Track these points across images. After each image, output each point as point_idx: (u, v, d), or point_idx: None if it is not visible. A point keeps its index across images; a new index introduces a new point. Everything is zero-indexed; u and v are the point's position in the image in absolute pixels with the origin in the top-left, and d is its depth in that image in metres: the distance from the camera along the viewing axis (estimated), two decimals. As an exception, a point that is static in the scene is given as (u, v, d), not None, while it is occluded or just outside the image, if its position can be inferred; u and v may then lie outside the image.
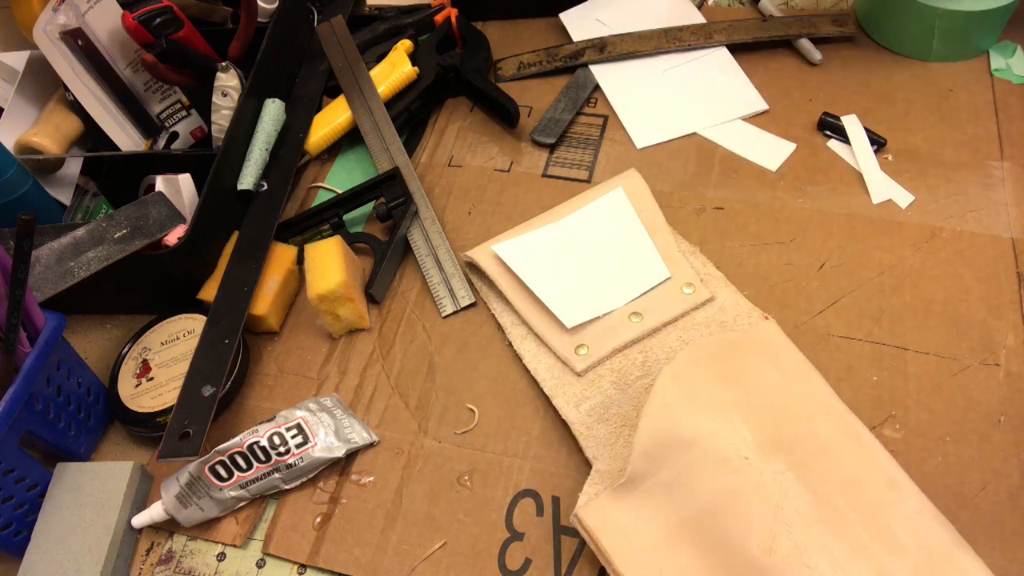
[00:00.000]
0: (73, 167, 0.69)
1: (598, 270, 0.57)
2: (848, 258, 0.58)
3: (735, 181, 0.64)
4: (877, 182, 0.61)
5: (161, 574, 0.50)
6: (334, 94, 0.74)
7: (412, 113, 0.72)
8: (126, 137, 0.70)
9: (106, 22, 0.67)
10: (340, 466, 0.53)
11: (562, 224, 0.60)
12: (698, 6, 0.76)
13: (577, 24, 0.77)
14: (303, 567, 0.49)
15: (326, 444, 0.51)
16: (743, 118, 0.68)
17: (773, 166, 0.64)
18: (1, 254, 0.46)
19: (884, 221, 0.59)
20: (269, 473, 0.50)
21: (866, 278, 0.56)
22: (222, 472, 0.50)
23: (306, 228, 0.66)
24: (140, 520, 0.50)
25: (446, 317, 0.59)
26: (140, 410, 0.55)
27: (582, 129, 0.70)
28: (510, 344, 0.56)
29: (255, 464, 0.50)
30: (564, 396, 0.52)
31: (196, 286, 0.60)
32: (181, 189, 0.63)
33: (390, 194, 0.64)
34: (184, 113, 0.74)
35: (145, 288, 0.61)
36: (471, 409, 0.54)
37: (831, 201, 0.61)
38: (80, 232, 0.56)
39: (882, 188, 0.61)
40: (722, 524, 0.42)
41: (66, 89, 0.67)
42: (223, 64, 0.68)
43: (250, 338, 0.60)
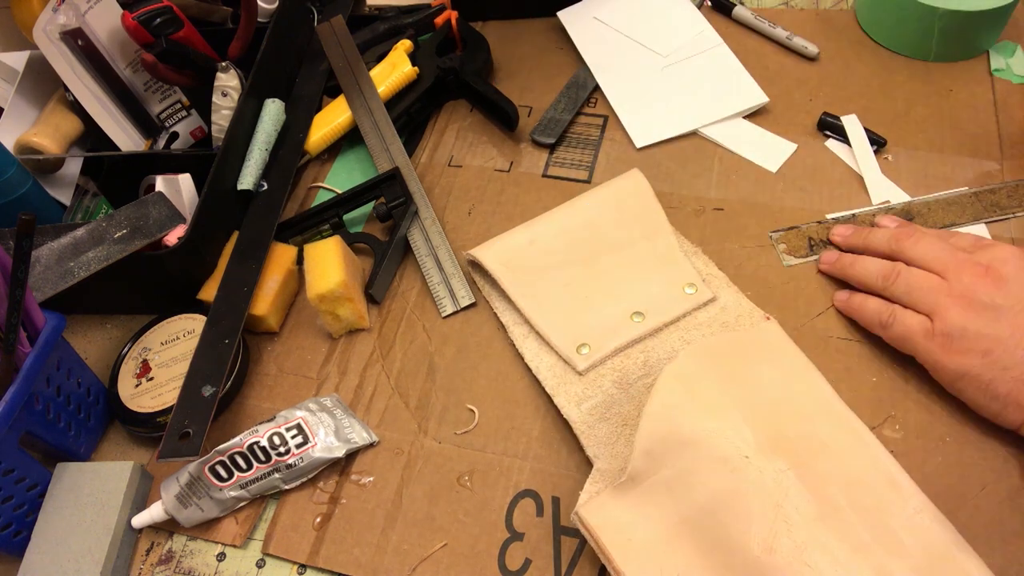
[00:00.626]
0: (73, 167, 0.69)
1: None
2: (848, 258, 0.58)
3: (735, 182, 0.64)
4: (877, 182, 0.61)
5: (161, 574, 0.50)
6: (334, 94, 0.74)
7: (412, 116, 0.72)
8: (126, 137, 0.70)
9: (106, 22, 0.67)
10: (340, 466, 0.53)
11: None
12: (698, 6, 0.76)
13: (576, 24, 0.77)
14: (303, 567, 0.49)
15: (326, 444, 0.51)
16: (744, 116, 0.68)
17: (773, 167, 0.64)
18: (1, 254, 0.46)
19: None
20: (269, 473, 0.50)
21: (866, 278, 0.56)
22: (222, 472, 0.50)
23: (306, 228, 0.66)
24: (140, 520, 0.50)
25: (446, 317, 0.59)
26: (140, 410, 0.55)
27: (582, 129, 0.70)
28: (511, 343, 0.56)
29: (255, 464, 0.50)
30: (565, 395, 0.52)
31: (196, 286, 0.60)
32: (181, 189, 0.63)
33: (390, 194, 0.64)
34: (184, 113, 0.74)
35: (145, 288, 0.61)
36: (471, 409, 0.54)
37: (831, 201, 0.61)
38: (80, 232, 0.56)
39: (882, 188, 0.61)
40: (722, 523, 0.42)
41: (66, 89, 0.67)
42: (223, 64, 0.68)
43: (250, 338, 0.60)
